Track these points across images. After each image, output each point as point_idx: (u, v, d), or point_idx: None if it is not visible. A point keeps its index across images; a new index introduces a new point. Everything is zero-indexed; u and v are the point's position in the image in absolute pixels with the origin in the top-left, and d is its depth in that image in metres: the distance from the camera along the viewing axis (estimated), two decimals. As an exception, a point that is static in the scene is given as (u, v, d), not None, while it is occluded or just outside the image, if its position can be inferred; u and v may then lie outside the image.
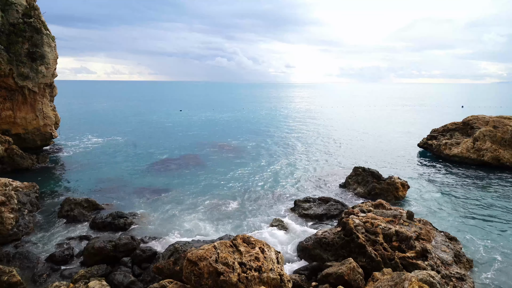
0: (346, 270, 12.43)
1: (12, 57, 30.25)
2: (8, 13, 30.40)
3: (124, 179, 27.42)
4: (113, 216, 18.82)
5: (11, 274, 12.67)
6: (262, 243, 12.07)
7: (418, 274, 11.12)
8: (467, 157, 31.91)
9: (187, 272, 10.77)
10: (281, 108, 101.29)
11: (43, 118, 34.02)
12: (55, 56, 33.88)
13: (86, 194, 23.65)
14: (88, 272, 13.52)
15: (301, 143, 43.66)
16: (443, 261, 13.69)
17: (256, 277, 10.73)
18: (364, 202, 18.98)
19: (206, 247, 11.21)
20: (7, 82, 30.79)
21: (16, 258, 14.85)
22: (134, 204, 22.03)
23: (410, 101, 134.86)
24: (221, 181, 27.11)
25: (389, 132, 52.54)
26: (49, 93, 35.61)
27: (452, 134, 36.33)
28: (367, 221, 15.17)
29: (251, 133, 51.64)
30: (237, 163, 32.92)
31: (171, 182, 26.64)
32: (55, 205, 21.25)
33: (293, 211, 20.81)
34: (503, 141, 31.02)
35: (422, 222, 16.64)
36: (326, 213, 19.86)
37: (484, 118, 34.88)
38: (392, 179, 23.29)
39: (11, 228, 16.66)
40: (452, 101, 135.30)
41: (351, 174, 25.55)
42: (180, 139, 45.88)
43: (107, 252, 14.79)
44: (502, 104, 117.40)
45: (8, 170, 27.33)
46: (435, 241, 15.16)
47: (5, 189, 18.37)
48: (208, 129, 55.79)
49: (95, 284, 11.97)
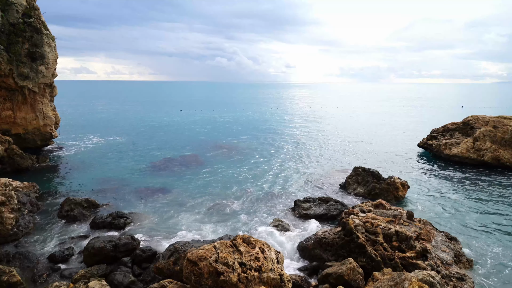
0: (346, 270, 12.43)
1: (12, 57, 30.25)
2: (8, 13, 30.40)
3: (124, 179, 27.42)
4: (113, 216, 18.82)
5: (11, 274, 12.67)
6: (262, 243, 12.07)
7: (418, 274, 11.11)
8: (467, 157, 31.91)
9: (187, 272, 10.77)
10: (281, 108, 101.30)
11: (43, 118, 34.03)
12: (55, 56, 33.88)
13: (86, 194, 23.65)
14: (88, 272, 13.52)
15: (300, 143, 43.65)
16: (443, 261, 13.70)
17: (256, 277, 10.73)
18: (364, 202, 18.98)
19: (206, 247, 11.21)
20: (7, 82, 30.80)
21: (16, 258, 14.84)
22: (134, 204, 22.03)
23: (410, 101, 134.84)
24: (221, 181, 27.11)
25: (389, 132, 52.54)
26: (49, 93, 35.60)
27: (452, 134, 36.32)
28: (367, 221, 15.17)
29: (251, 133, 51.64)
30: (237, 163, 32.92)
31: (171, 182, 26.64)
32: (55, 205, 21.24)
33: (293, 211, 20.81)
34: (503, 141, 31.02)
35: (422, 222, 16.65)
36: (326, 213, 19.85)
37: (484, 118, 34.88)
38: (392, 179, 23.29)
39: (11, 228, 16.66)
40: (452, 101, 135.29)
41: (351, 174, 25.55)
42: (181, 139, 45.87)
43: (107, 252, 14.79)
44: (502, 104, 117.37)
45: (8, 170, 27.32)
46: (435, 241, 15.17)
47: (5, 189, 18.37)
48: (208, 129, 55.79)
49: (95, 284, 11.98)
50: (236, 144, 42.81)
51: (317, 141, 44.82)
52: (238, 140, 45.18)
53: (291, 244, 16.69)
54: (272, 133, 51.34)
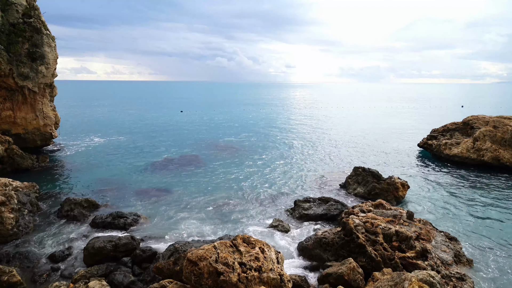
0: (346, 270, 12.43)
1: (12, 57, 30.25)
2: (8, 13, 30.40)
3: (124, 179, 27.42)
4: (113, 216, 18.82)
5: (11, 274, 12.68)
6: (262, 243, 12.07)
7: (418, 274, 11.11)
8: (467, 157, 31.91)
9: (187, 272, 10.77)
10: (281, 108, 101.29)
11: (43, 118, 34.03)
12: (55, 56, 33.89)
13: (86, 194, 23.65)
14: (88, 272, 13.52)
15: (301, 143, 43.66)
16: (443, 261, 13.70)
17: (256, 277, 10.73)
18: (364, 202, 18.98)
19: (206, 247, 11.21)
20: (7, 82, 30.80)
21: (16, 258, 14.86)
22: (134, 204, 22.03)
23: (410, 101, 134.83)
24: (221, 181, 27.11)
25: (389, 132, 52.54)
26: (49, 93, 35.61)
27: (452, 134, 36.32)
28: (367, 221, 15.17)
29: (251, 133, 51.65)
30: (238, 163, 32.92)
31: (172, 182, 26.64)
32: (55, 205, 21.25)
33: (293, 211, 20.80)
34: (503, 141, 31.01)
35: (422, 222, 16.65)
36: (326, 213, 19.85)
37: (484, 118, 34.87)
38: (392, 179, 23.29)
39: (11, 228, 16.66)
40: (452, 101, 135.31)
41: (351, 174, 25.54)
42: (181, 139, 45.88)
43: (107, 252, 14.79)
44: (502, 104, 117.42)
45: (8, 170, 27.32)
46: (435, 241, 15.16)
47: (5, 189, 18.37)
48: (209, 129, 55.80)
49: (95, 284, 11.98)
50: (236, 144, 42.81)
51: (317, 141, 44.82)
52: (238, 140, 45.18)
53: (291, 244, 16.70)
54: (272, 133, 51.34)
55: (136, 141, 43.51)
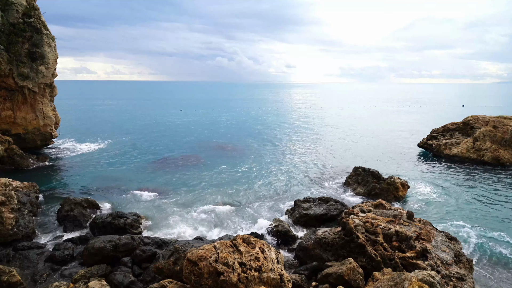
0: (346, 270, 12.41)
1: (12, 57, 30.25)
2: (8, 13, 30.39)
3: (124, 179, 27.41)
4: (113, 216, 18.79)
5: (11, 274, 12.67)
6: (262, 243, 12.06)
7: (418, 274, 11.10)
8: (467, 157, 31.90)
9: (187, 272, 10.76)
10: (281, 108, 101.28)
11: (43, 118, 34.02)
12: (55, 56, 33.88)
13: (86, 194, 23.65)
14: (88, 272, 13.51)
15: (301, 143, 43.65)
16: (443, 261, 13.69)
17: (256, 277, 10.73)
18: (364, 202, 18.98)
19: (206, 247, 11.20)
20: (7, 82, 30.80)
21: (16, 258, 14.85)
22: (134, 204, 22.03)
23: (410, 101, 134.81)
24: (222, 181, 27.10)
25: (389, 132, 52.53)
26: (49, 93, 35.59)
27: (452, 134, 36.32)
28: (367, 221, 15.15)
29: (251, 133, 51.64)
30: (237, 163, 32.91)
31: (172, 182, 26.64)
32: (55, 205, 21.24)
33: (293, 211, 20.79)
34: (503, 141, 31.00)
35: (422, 222, 16.62)
36: (326, 213, 19.84)
37: (484, 118, 34.88)
38: (392, 179, 23.29)
39: (11, 228, 16.65)
40: (452, 101, 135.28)
41: (351, 174, 25.53)
42: (181, 139, 45.88)
43: (107, 252, 14.78)
44: (502, 104, 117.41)
45: (8, 170, 27.33)
46: (435, 241, 15.15)
47: (5, 189, 18.36)
48: (209, 129, 55.79)
49: (95, 284, 11.97)
50: (236, 144, 42.80)
51: (317, 141, 44.82)
52: (238, 140, 45.17)
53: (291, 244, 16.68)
54: (272, 133, 51.34)
55: (136, 141, 43.51)
